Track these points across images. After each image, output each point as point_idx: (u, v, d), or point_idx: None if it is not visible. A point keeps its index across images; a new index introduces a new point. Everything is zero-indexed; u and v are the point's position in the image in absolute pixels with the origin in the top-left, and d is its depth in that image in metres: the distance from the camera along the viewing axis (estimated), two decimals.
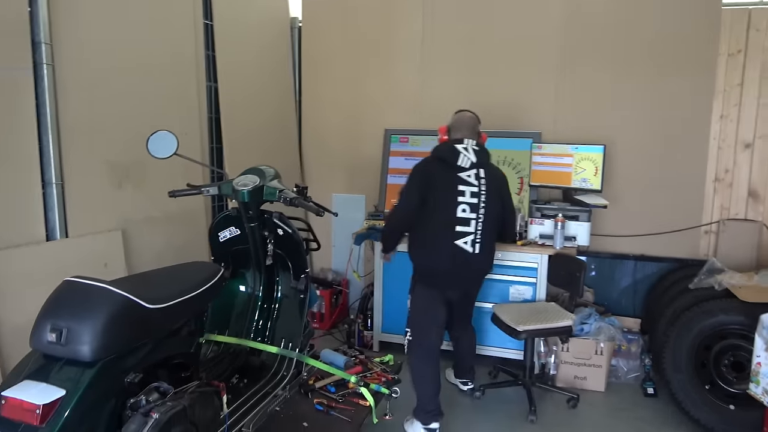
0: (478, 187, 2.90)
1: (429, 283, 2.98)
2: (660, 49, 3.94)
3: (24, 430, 1.41)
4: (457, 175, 2.88)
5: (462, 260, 2.89)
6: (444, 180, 2.87)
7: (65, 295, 1.58)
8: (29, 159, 2.58)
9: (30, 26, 2.57)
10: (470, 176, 2.89)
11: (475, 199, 2.89)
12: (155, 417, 1.57)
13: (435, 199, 2.86)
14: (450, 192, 2.86)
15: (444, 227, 2.87)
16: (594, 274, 4.15)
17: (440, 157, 2.92)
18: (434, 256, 2.90)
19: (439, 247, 2.88)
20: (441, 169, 2.89)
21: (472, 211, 2.88)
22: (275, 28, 4.59)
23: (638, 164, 4.03)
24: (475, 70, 4.33)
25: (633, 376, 3.62)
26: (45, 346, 1.51)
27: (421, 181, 2.88)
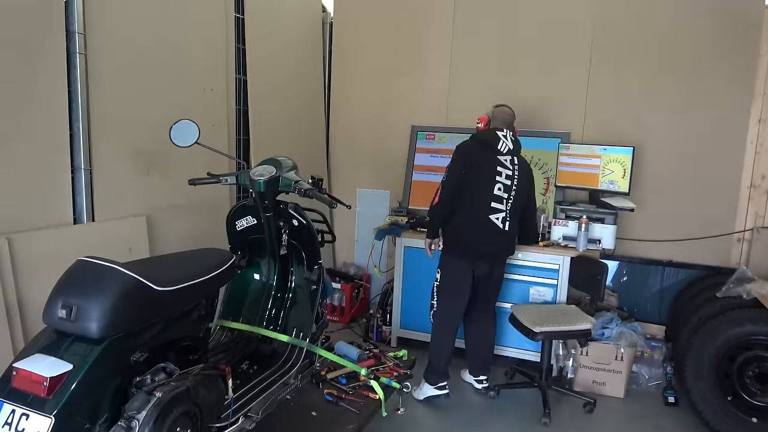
0: (512, 172, 3.21)
1: (460, 252, 3.22)
2: (696, 48, 3.83)
3: (33, 400, 1.48)
4: (497, 157, 3.19)
5: (493, 234, 3.18)
6: (485, 160, 3.19)
7: (77, 274, 1.64)
8: (60, 145, 2.68)
9: (65, 16, 2.67)
10: (507, 161, 3.21)
11: (509, 181, 3.20)
12: (158, 396, 1.62)
13: (476, 176, 3.16)
14: (490, 171, 3.17)
15: (481, 201, 3.16)
16: (619, 278, 4.06)
17: (483, 140, 3.23)
18: (469, 226, 3.17)
19: (475, 218, 3.16)
20: (482, 150, 3.20)
21: (505, 191, 3.18)
22: (306, 23, 4.64)
23: (669, 167, 3.92)
24: (503, 69, 4.29)
25: (655, 384, 3.53)
26: (56, 321, 1.57)
27: (465, 159, 3.17)
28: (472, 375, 3.52)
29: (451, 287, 3.25)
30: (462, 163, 3.17)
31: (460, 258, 3.22)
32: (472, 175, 3.15)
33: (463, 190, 3.16)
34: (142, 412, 1.58)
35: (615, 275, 4.07)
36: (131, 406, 1.58)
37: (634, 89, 3.97)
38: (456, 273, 3.23)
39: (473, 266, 3.22)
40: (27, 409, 1.47)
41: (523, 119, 4.17)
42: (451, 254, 3.25)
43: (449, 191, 3.18)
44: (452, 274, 3.24)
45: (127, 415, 1.57)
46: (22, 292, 2.40)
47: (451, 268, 3.24)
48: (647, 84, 3.94)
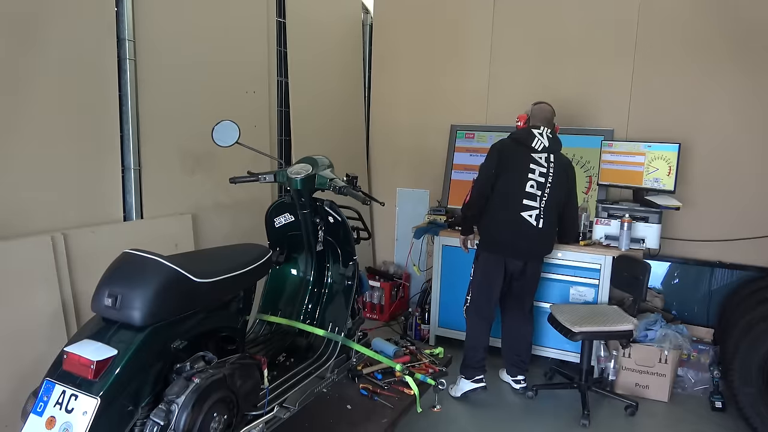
0: (546, 169, 3.20)
1: (493, 249, 3.28)
2: (748, 41, 3.67)
3: (81, 382, 1.58)
4: (531, 155, 3.19)
5: (526, 231, 3.19)
6: (518, 157, 3.20)
7: (122, 265, 1.74)
8: (111, 146, 2.82)
9: (116, 24, 2.81)
10: (541, 158, 3.20)
11: (543, 179, 3.19)
12: (196, 382, 1.70)
13: (509, 173, 3.18)
14: (522, 168, 3.18)
15: (513, 198, 3.18)
16: (665, 279, 3.95)
17: (517, 138, 3.25)
18: (501, 223, 3.22)
19: (507, 215, 3.19)
20: (516, 148, 3.22)
21: (539, 188, 3.19)
22: (346, 25, 4.72)
23: (718, 164, 3.79)
24: (544, 66, 4.24)
25: (701, 388, 3.42)
26: (102, 309, 1.67)
27: (498, 157, 3.20)
28: (509, 375, 3.50)
29: (483, 281, 3.32)
30: (494, 161, 3.21)
31: (492, 253, 3.28)
32: (504, 172, 3.19)
33: (496, 188, 3.20)
34: (181, 396, 1.66)
35: (661, 276, 3.95)
36: (171, 391, 1.67)
37: (681, 84, 3.85)
38: (487, 268, 3.30)
39: (505, 262, 3.26)
40: (76, 390, 1.57)
41: (565, 117, 4.13)
42: (483, 249, 3.33)
43: (480, 189, 3.25)
44: (484, 269, 3.32)
45: (167, 399, 1.66)
46: (76, 284, 2.54)
47: (483, 263, 3.32)
48: (694, 79, 3.82)
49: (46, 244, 2.42)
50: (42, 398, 1.62)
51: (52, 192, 2.54)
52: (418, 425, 2.96)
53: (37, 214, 2.47)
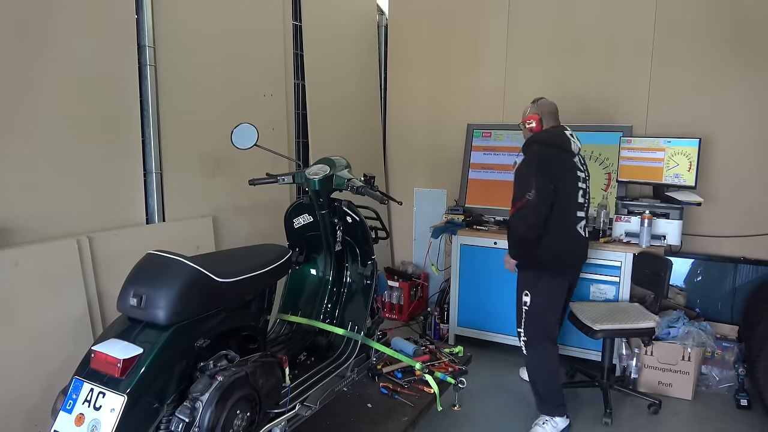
0: (585, 174, 2.99)
1: (559, 272, 2.95)
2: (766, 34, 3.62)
3: (108, 380, 1.62)
4: (573, 160, 2.92)
5: (582, 244, 3.02)
6: (566, 165, 2.89)
7: (146, 266, 1.78)
8: (133, 150, 2.88)
9: (136, 31, 2.87)
10: (579, 162, 2.97)
11: (584, 185, 2.97)
12: (219, 380, 1.74)
13: (563, 185, 2.84)
14: (573, 178, 2.90)
15: (571, 213, 2.91)
16: (688, 276, 3.90)
17: (555, 142, 2.91)
18: (563, 242, 2.90)
19: (567, 232, 2.90)
20: (562, 155, 2.89)
21: (583, 195, 2.96)
22: (362, 27, 4.75)
23: (739, 158, 3.73)
24: (561, 63, 4.22)
25: (726, 386, 3.38)
26: (128, 309, 1.71)
27: (550, 169, 2.82)
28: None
29: (550, 310, 2.95)
30: (549, 175, 2.78)
31: (556, 277, 2.93)
32: (559, 184, 2.81)
33: (554, 203, 2.82)
34: (205, 394, 1.70)
35: (684, 272, 3.90)
36: (195, 388, 1.70)
37: (700, 79, 3.81)
38: (552, 293, 2.94)
39: (570, 283, 3.05)
40: (103, 387, 1.61)
41: (583, 114, 4.12)
42: (545, 273, 2.91)
43: (540, 212, 2.79)
44: (549, 296, 2.93)
45: (192, 396, 1.69)
46: (100, 285, 2.60)
47: (547, 289, 2.92)
48: (713, 73, 3.77)
49: (71, 247, 2.48)
50: (71, 396, 1.66)
51: (77, 196, 2.60)
52: (438, 424, 2.96)
53: (63, 218, 2.53)
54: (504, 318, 3.84)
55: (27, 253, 2.31)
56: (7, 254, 2.25)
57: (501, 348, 3.89)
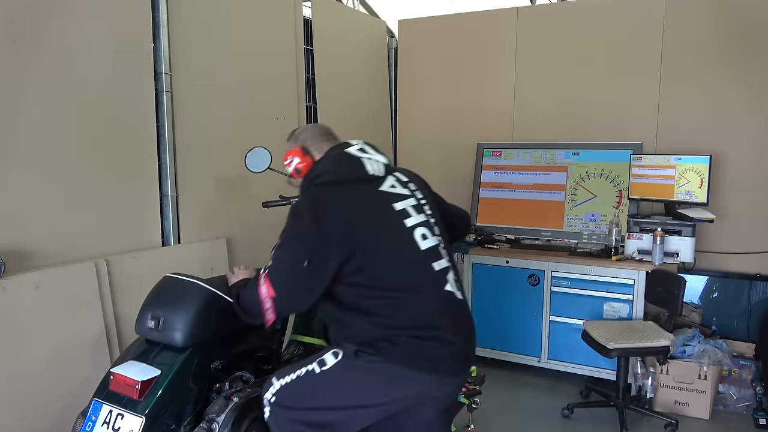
0: (413, 198, 1.87)
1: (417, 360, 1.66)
2: None
3: (127, 402, 1.66)
4: (379, 190, 1.81)
5: (460, 318, 1.79)
6: (368, 207, 1.79)
7: (163, 289, 1.83)
8: (150, 174, 2.95)
9: (153, 59, 2.96)
10: (395, 186, 1.85)
11: (422, 214, 1.84)
12: (235, 401, 1.77)
13: (373, 243, 1.72)
14: (387, 220, 1.78)
15: (416, 273, 1.75)
16: (703, 293, 3.87)
17: (335, 179, 1.81)
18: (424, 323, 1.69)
19: (428, 303, 1.72)
20: (351, 195, 1.78)
21: (432, 233, 1.83)
22: (372, 50, 4.83)
23: (752, 174, 3.72)
24: (570, 81, 4.25)
25: (744, 405, 3.33)
26: (146, 331, 1.76)
27: (328, 229, 1.70)
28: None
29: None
30: (325, 236, 1.70)
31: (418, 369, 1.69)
32: (363, 244, 1.71)
33: (361, 277, 1.70)
34: (221, 415, 1.73)
35: (699, 290, 3.87)
36: (211, 410, 1.73)
37: (709, 96, 3.82)
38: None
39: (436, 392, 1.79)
40: (122, 409, 1.65)
41: (593, 132, 4.14)
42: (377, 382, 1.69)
43: (301, 289, 1.71)
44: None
45: (208, 417, 1.72)
46: (118, 308, 2.65)
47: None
48: (723, 90, 3.78)
49: (90, 271, 2.54)
50: (90, 418, 1.70)
51: (95, 220, 2.67)
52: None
53: (81, 242, 2.60)
54: (517, 337, 3.84)
55: (47, 276, 2.37)
56: (28, 278, 2.31)
57: (514, 367, 3.87)
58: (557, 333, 3.72)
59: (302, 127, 2.13)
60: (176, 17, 3.02)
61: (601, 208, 3.99)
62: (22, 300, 2.27)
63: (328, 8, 4.34)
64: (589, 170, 4.08)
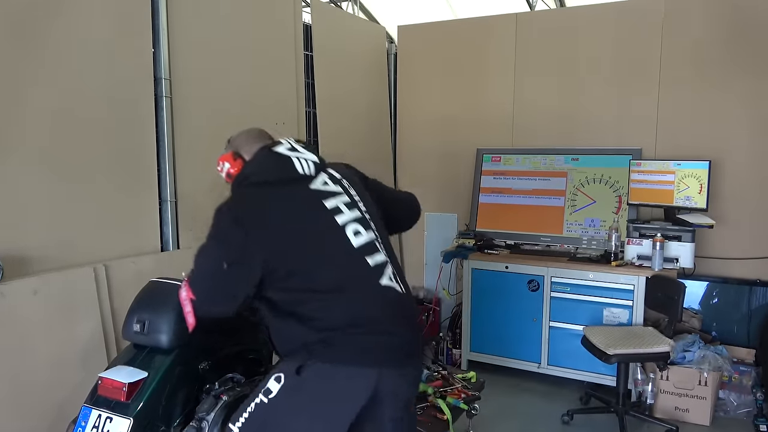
0: (346, 194, 1.83)
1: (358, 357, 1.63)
2: None
3: (115, 405, 1.67)
4: (310, 188, 1.78)
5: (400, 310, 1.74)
6: (296, 206, 1.75)
7: (149, 293, 1.85)
8: (150, 180, 2.97)
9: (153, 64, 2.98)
10: (327, 183, 1.82)
11: (356, 210, 1.81)
12: (224, 399, 1.78)
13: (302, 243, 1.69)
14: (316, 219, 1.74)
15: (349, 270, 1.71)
16: (703, 299, 3.84)
17: (263, 179, 1.78)
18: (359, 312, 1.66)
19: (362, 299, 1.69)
20: (279, 194, 1.75)
21: (366, 228, 1.79)
22: (372, 55, 4.86)
23: (751, 180, 3.71)
24: (569, 87, 4.25)
25: (745, 411, 3.30)
26: (132, 336, 1.78)
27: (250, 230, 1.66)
28: None
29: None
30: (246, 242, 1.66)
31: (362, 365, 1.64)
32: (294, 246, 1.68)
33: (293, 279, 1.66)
34: (210, 413, 1.74)
35: (698, 295, 3.84)
36: (201, 408, 1.75)
37: (708, 101, 3.81)
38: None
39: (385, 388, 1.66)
40: (110, 412, 1.67)
41: (592, 137, 4.14)
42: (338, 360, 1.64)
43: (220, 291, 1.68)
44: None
45: (198, 416, 1.74)
46: (116, 313, 2.66)
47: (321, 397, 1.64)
48: (722, 95, 3.76)
49: (88, 276, 2.56)
50: (80, 424, 1.72)
51: (94, 225, 2.69)
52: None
53: (80, 247, 2.61)
54: (517, 343, 3.83)
55: (45, 281, 2.38)
56: (27, 283, 2.33)
57: (514, 373, 3.86)
58: (557, 339, 3.70)
59: (236, 134, 2.08)
60: (176, 22, 3.05)
61: (601, 214, 3.98)
62: (21, 305, 2.29)
63: (328, 14, 4.38)
64: (588, 176, 4.08)
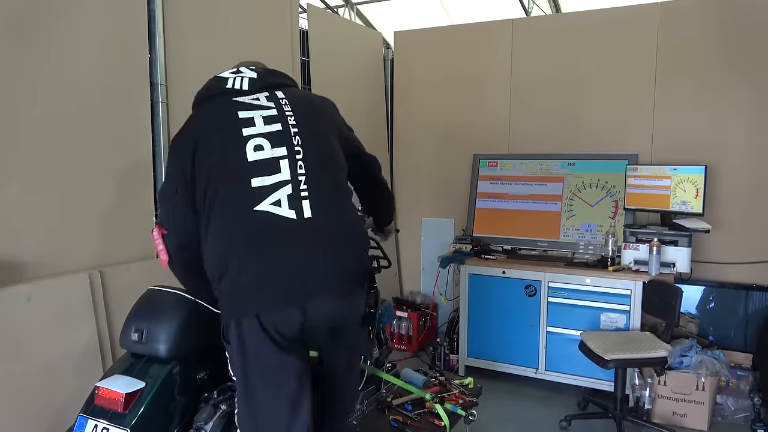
0: (277, 109, 1.76)
1: (234, 309, 1.62)
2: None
3: (112, 416, 1.65)
4: (233, 99, 1.78)
5: (278, 236, 1.60)
6: (210, 119, 1.76)
7: (147, 301, 1.83)
8: (145, 185, 2.95)
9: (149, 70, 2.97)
10: (258, 98, 1.79)
11: (277, 125, 1.71)
12: (223, 408, 1.76)
13: (206, 156, 1.67)
14: (224, 128, 1.71)
15: (228, 189, 1.64)
16: (700, 304, 3.85)
17: (195, 102, 1.87)
18: (227, 248, 1.61)
19: (231, 227, 1.62)
20: (202, 112, 1.81)
21: (276, 144, 1.67)
22: (368, 61, 4.85)
23: (746, 184, 3.72)
24: (565, 92, 4.26)
25: (742, 415, 3.30)
26: (130, 344, 1.75)
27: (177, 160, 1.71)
28: None
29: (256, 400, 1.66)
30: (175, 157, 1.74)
31: (245, 317, 1.60)
32: (201, 156, 1.67)
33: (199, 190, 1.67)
34: (209, 423, 1.72)
35: (695, 300, 3.85)
36: (199, 418, 1.73)
37: (704, 106, 3.82)
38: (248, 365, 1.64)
39: (271, 326, 1.61)
40: (107, 423, 1.64)
41: (588, 142, 4.15)
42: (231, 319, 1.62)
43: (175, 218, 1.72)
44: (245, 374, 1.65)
45: (196, 426, 1.71)
46: (111, 320, 2.63)
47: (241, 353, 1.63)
48: (717, 100, 3.78)
49: (83, 282, 2.53)
50: None
51: (89, 231, 2.66)
52: None
53: (75, 253, 2.58)
54: (514, 348, 3.83)
55: (39, 288, 2.36)
56: (21, 289, 2.30)
57: (512, 378, 3.85)
58: (554, 344, 3.70)
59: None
60: (172, 28, 3.04)
61: (598, 219, 3.98)
62: (15, 312, 2.26)
63: (325, 20, 4.38)
64: (585, 180, 4.08)
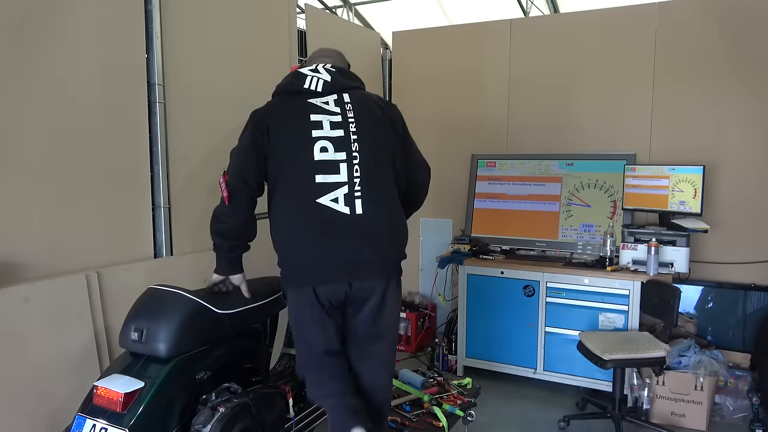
0: (342, 116, 2.00)
1: (295, 279, 1.92)
2: None
3: (111, 416, 1.63)
4: (308, 101, 2.03)
5: (334, 228, 1.86)
6: (289, 113, 2.02)
7: (147, 300, 1.82)
8: (142, 185, 2.94)
9: (146, 70, 2.96)
10: (328, 102, 2.04)
11: (340, 131, 1.95)
12: (221, 411, 1.75)
13: (281, 141, 1.97)
14: (298, 125, 1.97)
15: (297, 180, 1.91)
16: (698, 303, 3.85)
17: (278, 90, 2.14)
18: (292, 228, 1.90)
19: (297, 212, 1.89)
20: (282, 103, 2.08)
21: (339, 149, 1.92)
22: (367, 62, 4.84)
23: (745, 184, 3.72)
24: (563, 92, 4.26)
25: (741, 416, 3.30)
26: (130, 344, 1.74)
27: (258, 122, 2.06)
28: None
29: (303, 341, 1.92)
30: (254, 127, 2.08)
31: (299, 287, 1.91)
32: (276, 141, 1.99)
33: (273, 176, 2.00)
34: (207, 425, 1.71)
35: (694, 300, 3.85)
36: (197, 420, 1.71)
37: (702, 106, 3.83)
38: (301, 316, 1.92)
39: (323, 299, 1.89)
40: (106, 423, 1.63)
41: (586, 142, 4.15)
42: (288, 284, 1.96)
43: (238, 170, 2.04)
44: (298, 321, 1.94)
45: (194, 428, 1.70)
46: (108, 320, 2.62)
47: (295, 310, 1.94)
48: (716, 100, 3.79)
49: (80, 283, 2.52)
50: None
51: (86, 231, 2.65)
52: None
53: (72, 253, 2.57)
54: (512, 348, 3.82)
55: (36, 288, 2.34)
56: (18, 290, 2.29)
57: (510, 379, 3.85)
58: (553, 344, 3.70)
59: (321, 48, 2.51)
60: (169, 28, 3.03)
61: (596, 219, 3.99)
62: (11, 313, 2.24)
63: (323, 20, 4.37)
64: (583, 181, 4.09)
